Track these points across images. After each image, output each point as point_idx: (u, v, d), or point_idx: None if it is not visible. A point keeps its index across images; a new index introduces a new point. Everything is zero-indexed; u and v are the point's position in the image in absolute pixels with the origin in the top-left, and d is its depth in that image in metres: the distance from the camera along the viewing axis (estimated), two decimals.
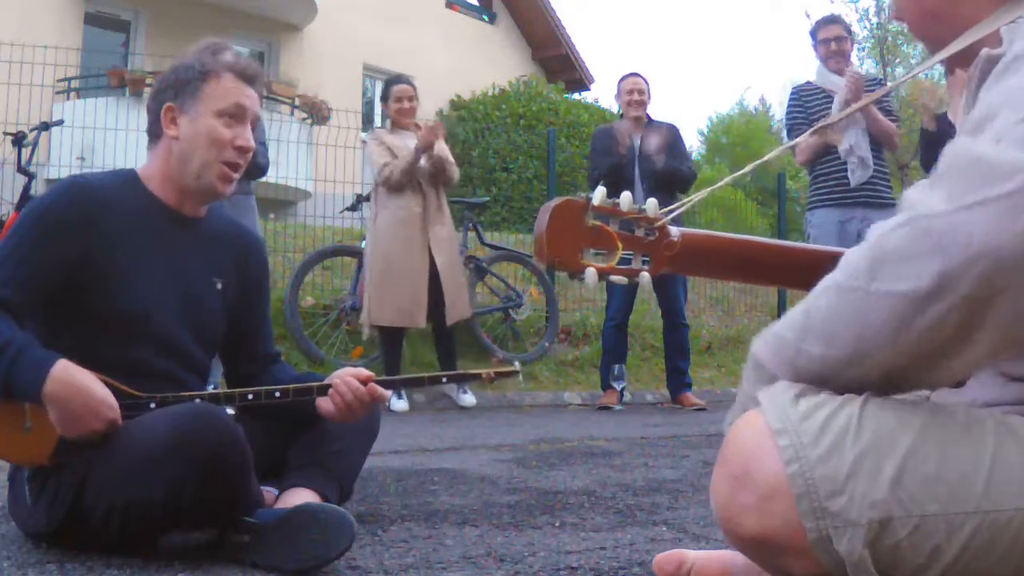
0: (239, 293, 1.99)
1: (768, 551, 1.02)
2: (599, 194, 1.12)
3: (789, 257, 1.25)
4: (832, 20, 4.98)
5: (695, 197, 1.25)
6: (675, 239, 1.15)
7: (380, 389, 1.85)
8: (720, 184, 1.25)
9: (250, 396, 1.83)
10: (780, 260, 1.25)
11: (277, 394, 1.84)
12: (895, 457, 0.97)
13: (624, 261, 1.13)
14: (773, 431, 1.00)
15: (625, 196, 1.13)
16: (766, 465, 0.99)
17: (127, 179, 1.88)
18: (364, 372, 1.88)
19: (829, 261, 1.27)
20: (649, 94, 5.64)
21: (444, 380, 2.14)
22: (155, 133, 1.88)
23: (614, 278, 1.12)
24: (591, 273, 1.11)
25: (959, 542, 0.95)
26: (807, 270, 1.26)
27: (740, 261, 1.23)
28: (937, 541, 0.95)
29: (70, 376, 1.60)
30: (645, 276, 1.13)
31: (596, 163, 5.57)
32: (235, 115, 1.84)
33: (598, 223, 1.12)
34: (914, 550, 0.96)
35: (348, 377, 1.85)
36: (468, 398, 5.43)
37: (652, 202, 1.15)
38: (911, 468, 0.96)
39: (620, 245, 1.12)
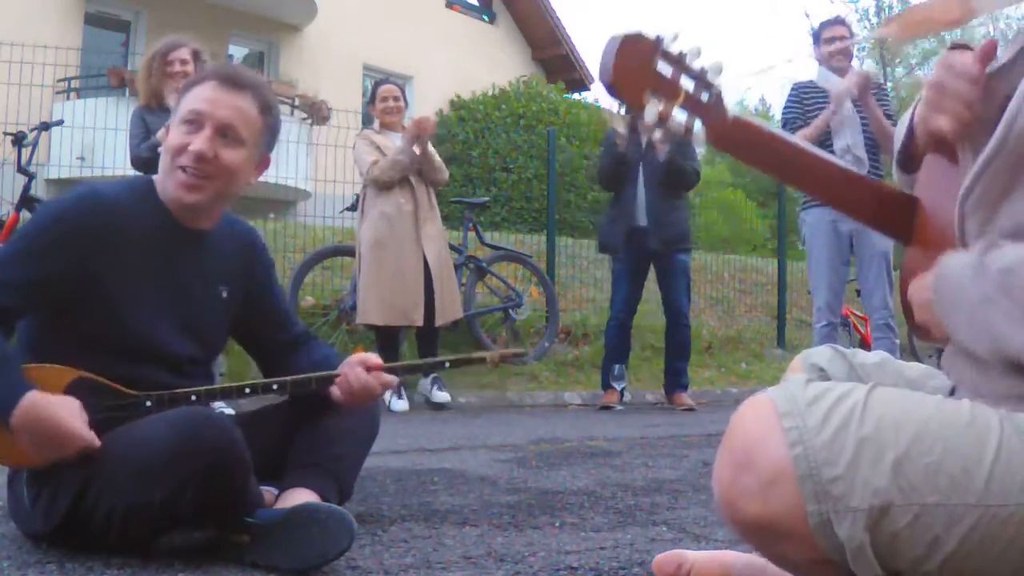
0: (246, 293, 1.99)
1: (769, 536, 1.01)
2: (671, 37, 1.09)
3: (828, 170, 1.27)
4: (836, 21, 5.00)
5: (765, 67, 1.22)
6: (729, 115, 1.14)
7: (386, 376, 1.87)
8: (769, 68, 1.22)
9: (247, 390, 1.83)
10: (820, 171, 1.26)
11: (275, 387, 1.84)
12: (898, 445, 0.97)
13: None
14: (779, 413, 1.00)
15: (694, 48, 1.11)
16: (770, 448, 0.99)
17: (143, 190, 1.84)
18: (372, 359, 1.88)
19: (865, 185, 1.29)
20: None
21: (447, 365, 2.12)
22: None
23: (672, 124, 1.10)
24: (652, 110, 1.08)
25: (958, 534, 0.95)
26: (841, 183, 1.28)
27: (782, 159, 1.24)
28: (936, 532, 0.95)
29: (36, 412, 1.57)
30: (699, 128, 1.12)
31: (602, 155, 5.69)
32: (192, 120, 1.77)
33: (663, 68, 1.09)
34: (913, 540, 0.96)
35: (356, 367, 1.86)
36: (442, 395, 5.32)
37: (716, 63, 1.13)
38: (914, 457, 0.96)
39: (682, 96, 1.09)
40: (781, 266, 9.11)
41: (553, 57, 17.49)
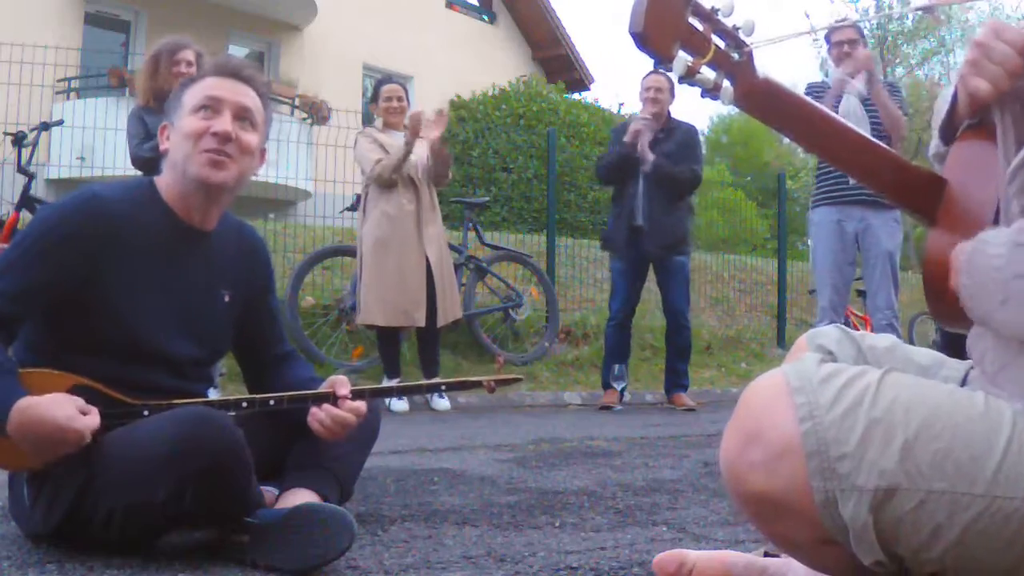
0: (246, 300, 1.99)
1: (772, 512, 1.01)
2: None
3: (851, 138, 1.27)
4: (846, 24, 5.01)
5: (797, 32, 1.24)
6: (760, 74, 1.13)
7: (351, 403, 1.84)
8: (793, 34, 1.23)
9: (244, 404, 1.82)
10: (844, 138, 1.27)
11: (272, 402, 1.83)
12: (908, 428, 0.96)
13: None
14: (791, 388, 1.00)
15: (727, 3, 1.11)
16: (779, 422, 0.99)
17: (144, 191, 1.86)
18: (341, 386, 1.86)
19: (888, 157, 1.29)
20: (672, 92, 5.59)
21: (443, 388, 2.13)
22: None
23: (700, 78, 1.09)
24: (681, 61, 1.07)
25: (961, 524, 0.95)
26: (864, 153, 1.28)
27: (807, 123, 1.24)
28: (940, 520, 0.95)
29: (27, 415, 1.55)
30: (728, 88, 1.11)
31: (610, 148, 5.72)
32: (209, 106, 1.82)
33: (694, 23, 1.08)
34: (916, 526, 0.95)
35: (330, 401, 1.84)
36: (443, 402, 5.29)
37: (748, 21, 1.13)
38: (923, 441, 0.96)
39: (712, 52, 1.09)
40: (781, 266, 9.11)
41: (553, 57, 17.50)
